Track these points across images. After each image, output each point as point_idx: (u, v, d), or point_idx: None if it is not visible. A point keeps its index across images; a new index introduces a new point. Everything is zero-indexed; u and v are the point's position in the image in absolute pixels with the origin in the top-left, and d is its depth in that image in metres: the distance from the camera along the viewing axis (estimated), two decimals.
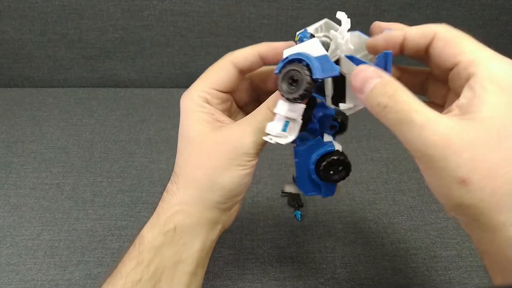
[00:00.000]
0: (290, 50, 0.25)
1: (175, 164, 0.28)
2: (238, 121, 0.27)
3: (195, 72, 0.71)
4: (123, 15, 0.65)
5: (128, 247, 0.26)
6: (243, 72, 0.29)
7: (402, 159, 0.54)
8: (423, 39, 0.23)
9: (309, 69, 0.23)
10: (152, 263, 0.24)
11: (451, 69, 0.22)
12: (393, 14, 0.65)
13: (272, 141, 0.25)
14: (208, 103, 0.27)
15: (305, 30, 0.27)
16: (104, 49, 0.68)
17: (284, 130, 0.25)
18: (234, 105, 0.31)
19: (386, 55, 0.23)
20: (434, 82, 0.27)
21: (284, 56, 0.25)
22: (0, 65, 0.69)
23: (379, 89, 0.21)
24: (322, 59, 0.24)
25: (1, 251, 0.41)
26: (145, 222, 0.36)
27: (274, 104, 0.25)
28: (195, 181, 0.26)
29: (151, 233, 0.25)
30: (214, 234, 0.28)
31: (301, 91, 0.23)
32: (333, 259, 0.41)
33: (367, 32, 0.27)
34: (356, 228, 0.44)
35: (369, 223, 0.45)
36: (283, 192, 0.48)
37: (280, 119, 0.25)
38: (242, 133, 0.26)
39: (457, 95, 0.22)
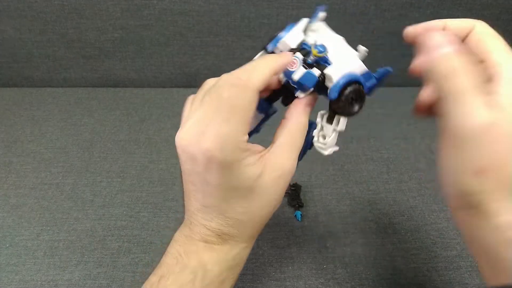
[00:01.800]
0: (336, 70, 0.26)
1: (223, 209, 0.26)
2: (276, 148, 0.27)
3: (195, 72, 0.71)
4: (122, 15, 0.64)
5: (181, 273, 0.26)
6: None
7: (403, 159, 0.54)
8: (462, 31, 0.25)
9: (362, 86, 0.26)
10: None
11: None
12: (393, 13, 0.65)
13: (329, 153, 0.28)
14: (246, 145, 0.25)
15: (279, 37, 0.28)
16: (104, 49, 0.68)
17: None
18: None
19: (387, 71, 0.25)
20: None
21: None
22: None
23: (450, 57, 0.22)
24: (366, 75, 0.27)
25: (0, 251, 0.41)
26: (145, 222, 0.36)
27: (337, 123, 0.27)
28: (255, 227, 0.28)
29: (217, 268, 0.27)
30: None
31: (361, 105, 0.26)
32: (333, 260, 0.41)
33: (368, 32, 0.27)
34: (357, 229, 0.44)
35: (370, 223, 0.45)
36: None
37: (336, 134, 0.28)
38: (289, 160, 0.27)
39: None
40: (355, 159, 0.53)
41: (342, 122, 0.27)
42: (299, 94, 0.28)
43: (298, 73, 0.26)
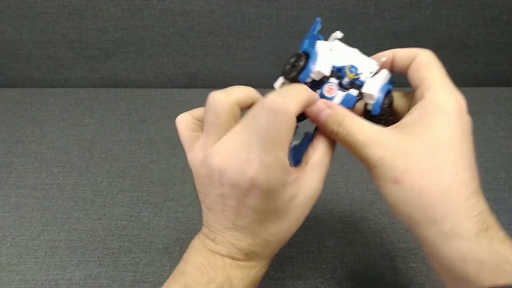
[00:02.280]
0: (373, 87, 0.27)
1: (257, 230, 0.26)
2: (310, 169, 0.27)
3: (195, 72, 0.71)
4: (123, 15, 0.65)
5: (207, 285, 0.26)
6: None
7: None
8: (407, 60, 0.27)
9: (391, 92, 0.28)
10: None
11: (415, 89, 0.26)
12: (393, 13, 0.65)
13: None
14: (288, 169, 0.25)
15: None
16: (104, 49, 0.68)
17: None
18: None
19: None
20: None
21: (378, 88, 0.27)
22: (0, 65, 0.69)
23: (330, 118, 0.26)
24: (390, 81, 0.29)
25: (1, 251, 0.41)
26: (145, 222, 0.36)
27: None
28: (279, 245, 0.28)
29: (242, 284, 0.26)
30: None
31: (392, 108, 0.29)
32: (333, 259, 0.41)
33: (368, 32, 0.27)
34: (356, 228, 0.44)
35: (369, 223, 0.45)
36: None
37: None
38: (321, 181, 0.27)
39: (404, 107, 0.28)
40: (355, 159, 0.53)
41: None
42: None
43: (338, 97, 0.27)
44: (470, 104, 0.25)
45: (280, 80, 0.28)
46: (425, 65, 0.26)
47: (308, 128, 0.29)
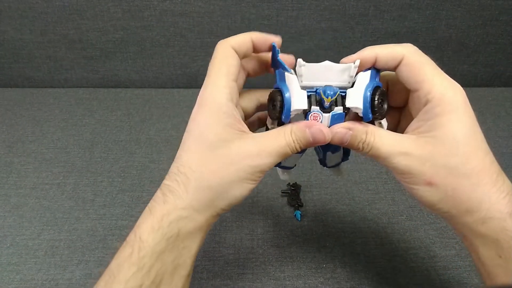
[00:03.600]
0: (356, 98, 0.27)
1: (181, 163, 0.26)
2: (258, 137, 0.26)
3: (195, 73, 0.71)
4: (123, 16, 0.65)
5: (122, 248, 0.25)
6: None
7: None
8: (392, 61, 0.27)
9: (378, 86, 0.27)
10: (153, 268, 0.24)
11: (413, 91, 0.27)
12: (392, 14, 0.65)
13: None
14: (232, 101, 0.26)
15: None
16: (105, 50, 0.68)
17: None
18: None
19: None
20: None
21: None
22: (0, 65, 0.70)
23: (354, 139, 0.27)
24: (372, 75, 0.28)
25: (1, 250, 0.42)
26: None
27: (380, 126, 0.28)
28: (209, 188, 0.26)
29: (152, 238, 0.24)
30: (206, 234, 0.28)
31: (387, 101, 0.28)
32: (332, 259, 0.41)
33: (367, 33, 0.27)
34: (356, 228, 0.44)
35: (369, 222, 0.45)
36: (283, 192, 0.48)
37: None
38: (263, 152, 0.26)
39: (413, 115, 0.27)
40: (354, 159, 0.54)
41: (384, 123, 0.28)
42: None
43: (325, 121, 0.27)
44: (469, 104, 0.25)
45: (269, 120, 0.29)
46: (417, 66, 0.26)
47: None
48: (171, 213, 0.25)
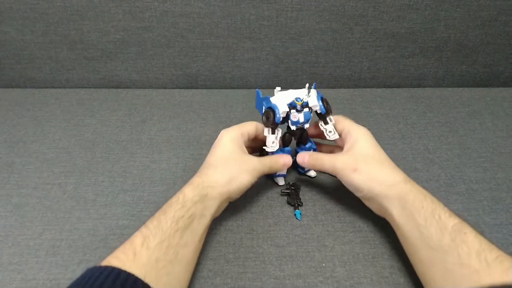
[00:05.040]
0: (314, 101, 0.46)
1: (210, 161, 0.43)
2: (256, 157, 0.45)
3: (196, 73, 0.72)
4: (124, 17, 0.65)
5: (171, 199, 0.39)
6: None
7: (401, 158, 0.55)
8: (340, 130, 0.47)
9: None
10: (190, 210, 0.37)
11: (342, 134, 0.47)
12: (391, 15, 0.66)
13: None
14: (242, 136, 0.46)
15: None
16: (106, 50, 0.69)
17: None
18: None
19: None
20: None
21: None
22: (2, 66, 0.70)
23: (310, 160, 0.46)
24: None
25: (3, 250, 0.42)
26: (146, 221, 0.36)
27: (330, 120, 0.48)
28: (229, 173, 0.42)
29: (192, 193, 0.39)
30: (219, 212, 0.42)
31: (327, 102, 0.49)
32: (332, 258, 0.41)
33: (366, 34, 0.27)
34: (355, 227, 0.45)
35: (368, 222, 0.45)
36: (282, 191, 0.48)
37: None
38: (259, 163, 0.44)
39: (342, 145, 0.46)
40: None
41: (330, 123, 0.47)
42: (306, 126, 0.46)
43: (301, 117, 0.45)
44: (469, 104, 0.26)
45: (266, 129, 0.46)
46: (340, 121, 0.47)
47: None
48: (204, 182, 0.40)
